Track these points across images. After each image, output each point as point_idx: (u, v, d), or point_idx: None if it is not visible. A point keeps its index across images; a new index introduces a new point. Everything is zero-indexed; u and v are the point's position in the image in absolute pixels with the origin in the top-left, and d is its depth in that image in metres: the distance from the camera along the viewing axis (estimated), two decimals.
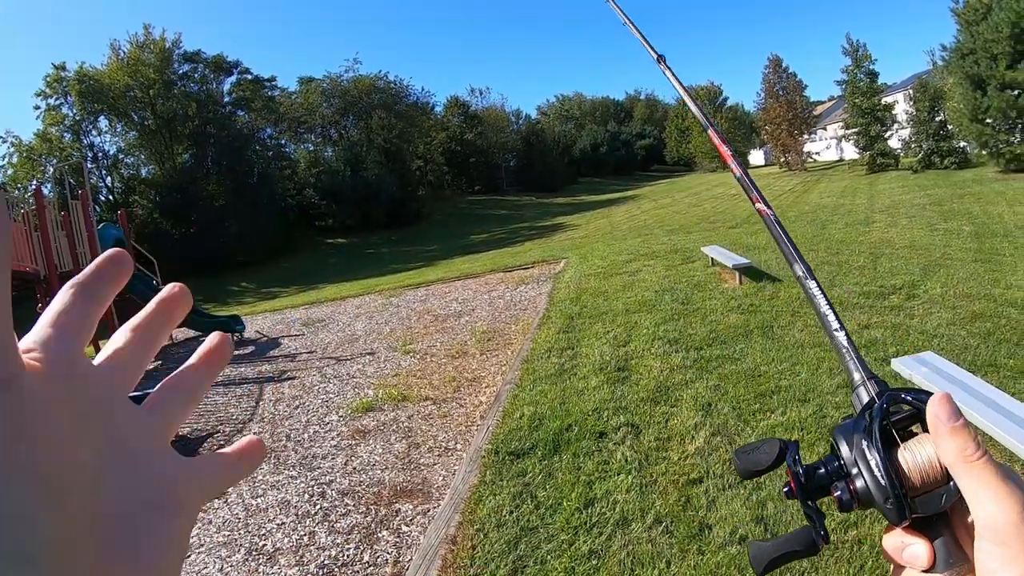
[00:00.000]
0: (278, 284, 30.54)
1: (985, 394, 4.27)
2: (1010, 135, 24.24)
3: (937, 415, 0.50)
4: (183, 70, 44.30)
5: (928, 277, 9.26)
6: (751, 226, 18.47)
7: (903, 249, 11.62)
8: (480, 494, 4.55)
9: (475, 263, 20.77)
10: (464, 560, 3.85)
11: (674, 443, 4.94)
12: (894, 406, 0.56)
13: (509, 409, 6.04)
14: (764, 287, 9.32)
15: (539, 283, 12.76)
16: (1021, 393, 5.05)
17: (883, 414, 0.55)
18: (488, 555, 3.87)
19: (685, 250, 13.47)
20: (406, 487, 5.15)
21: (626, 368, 6.74)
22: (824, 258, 11.13)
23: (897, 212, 17.61)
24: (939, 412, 0.50)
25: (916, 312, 7.70)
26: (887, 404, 0.56)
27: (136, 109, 41.73)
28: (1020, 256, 10.21)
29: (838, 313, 0.69)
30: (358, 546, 4.39)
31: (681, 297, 9.35)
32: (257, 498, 5.32)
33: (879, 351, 6.42)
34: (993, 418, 3.94)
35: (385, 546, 4.36)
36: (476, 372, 7.92)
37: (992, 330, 6.79)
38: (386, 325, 11.38)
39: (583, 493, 4.35)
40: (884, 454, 0.52)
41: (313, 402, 7.70)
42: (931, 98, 31.25)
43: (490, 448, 5.23)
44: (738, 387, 5.86)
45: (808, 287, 0.73)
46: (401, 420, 6.64)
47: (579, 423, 5.49)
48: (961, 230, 13.21)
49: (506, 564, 3.75)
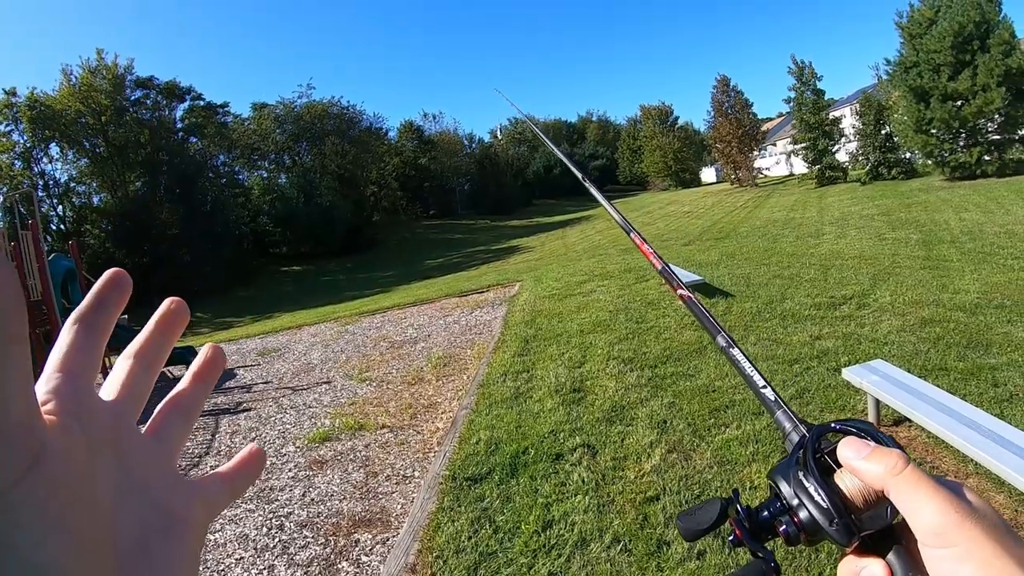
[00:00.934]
0: (233, 313, 30.17)
1: (935, 398, 4.36)
2: (954, 144, 24.92)
3: (848, 457, 0.52)
4: (135, 96, 43.69)
5: (878, 286, 9.44)
6: (703, 243, 18.72)
7: (853, 260, 11.84)
8: (438, 521, 4.52)
9: (431, 288, 20.71)
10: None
11: (630, 462, 4.96)
12: (825, 438, 0.57)
13: (466, 434, 6.03)
14: (717, 303, 9.44)
15: (494, 307, 12.77)
16: (971, 395, 5.18)
17: (815, 445, 0.56)
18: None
19: (639, 269, 13.57)
20: (365, 516, 5.10)
21: (581, 389, 6.76)
22: (776, 272, 11.30)
23: (846, 224, 17.95)
24: (848, 453, 0.52)
25: (866, 321, 7.85)
26: (818, 436, 0.57)
27: (88, 136, 41.02)
28: (967, 262, 10.45)
29: (762, 372, 0.71)
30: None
31: (635, 316, 9.42)
32: (215, 533, 5.23)
33: (831, 361, 6.53)
34: (944, 421, 4.01)
35: None
36: (432, 398, 7.88)
37: (941, 335, 6.95)
38: (342, 353, 11.28)
39: (541, 516, 4.35)
40: (822, 480, 0.54)
41: (270, 433, 7.60)
42: (876, 111, 32.03)
43: (447, 474, 5.21)
44: (692, 403, 5.91)
45: (732, 355, 0.75)
46: (358, 449, 6.58)
47: (535, 446, 5.49)
48: (909, 239, 13.50)
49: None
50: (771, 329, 7.91)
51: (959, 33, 23.40)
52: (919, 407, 4.27)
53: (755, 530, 0.57)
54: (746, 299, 9.50)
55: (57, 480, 0.29)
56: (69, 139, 40.71)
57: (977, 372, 5.81)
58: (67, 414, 0.33)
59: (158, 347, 0.43)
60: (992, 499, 3.87)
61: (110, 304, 0.39)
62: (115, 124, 40.76)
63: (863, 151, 33.11)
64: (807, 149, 36.83)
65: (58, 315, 10.41)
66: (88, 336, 0.37)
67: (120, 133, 40.96)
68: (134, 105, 43.22)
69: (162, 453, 0.40)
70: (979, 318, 7.38)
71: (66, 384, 0.34)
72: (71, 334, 0.37)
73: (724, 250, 15.26)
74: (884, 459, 0.50)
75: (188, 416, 0.44)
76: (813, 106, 35.96)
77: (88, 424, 0.34)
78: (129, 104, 42.54)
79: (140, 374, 0.41)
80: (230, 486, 0.44)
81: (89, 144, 41.43)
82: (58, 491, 0.29)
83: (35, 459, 0.29)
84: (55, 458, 0.30)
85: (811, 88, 36.15)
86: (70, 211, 42.14)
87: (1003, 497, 3.88)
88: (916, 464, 0.50)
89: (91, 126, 40.43)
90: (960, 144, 24.90)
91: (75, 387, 0.35)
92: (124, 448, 0.36)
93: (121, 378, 0.40)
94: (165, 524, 0.36)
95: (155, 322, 0.44)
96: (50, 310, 10.33)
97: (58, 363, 0.36)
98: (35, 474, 0.28)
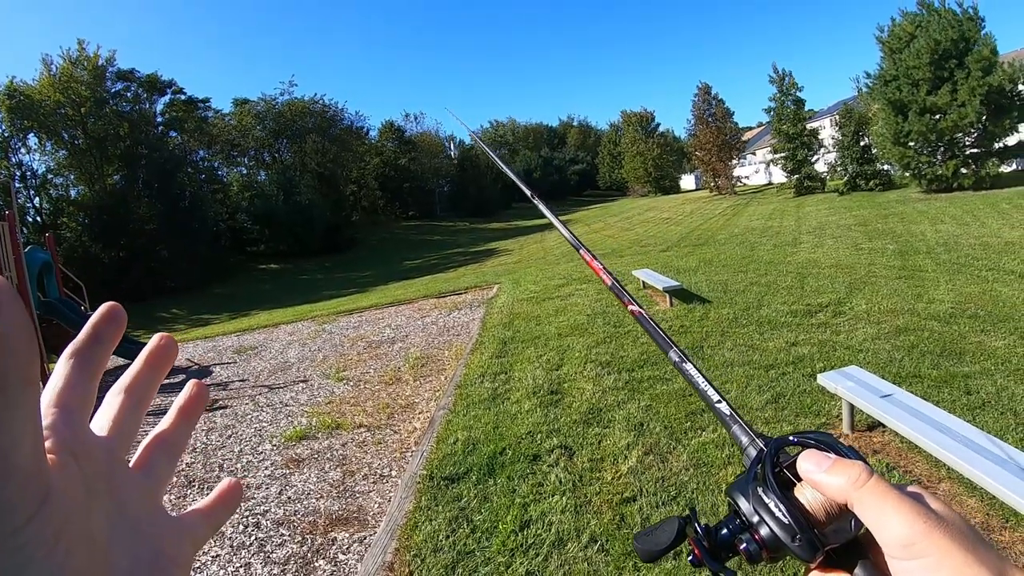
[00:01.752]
0: (210, 310, 29.93)
1: (908, 404, 4.41)
2: (931, 157, 25.19)
3: (808, 470, 0.52)
4: (116, 88, 43.19)
5: (853, 295, 9.55)
6: (681, 249, 18.83)
7: (829, 268, 11.96)
8: (416, 520, 4.53)
9: (409, 289, 20.69)
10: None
11: (607, 463, 5.00)
12: (784, 451, 0.57)
13: (443, 434, 6.03)
14: (694, 308, 9.51)
15: (472, 308, 12.79)
16: (944, 402, 5.26)
17: (774, 460, 0.56)
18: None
19: (617, 273, 13.64)
20: (342, 515, 5.10)
21: (559, 391, 6.80)
22: (753, 279, 11.40)
23: (824, 233, 18.13)
24: (808, 466, 0.52)
25: (842, 328, 7.94)
26: (776, 450, 0.57)
27: (67, 127, 40.44)
28: (942, 272, 10.58)
29: (716, 387, 0.71)
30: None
31: (613, 320, 9.47)
32: None
33: (806, 367, 6.60)
34: (917, 426, 4.06)
35: (322, 575, 4.32)
36: (410, 398, 7.88)
37: (915, 343, 7.03)
38: (319, 352, 11.25)
39: (518, 515, 4.37)
40: (782, 495, 0.53)
41: (246, 431, 7.56)
42: (856, 123, 32.37)
43: (425, 474, 5.22)
44: (669, 407, 5.96)
45: (685, 369, 0.74)
46: (335, 448, 6.57)
47: (513, 447, 5.51)
48: (885, 248, 13.65)
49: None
50: (748, 335, 7.98)
51: (935, 51, 23.66)
52: (892, 412, 4.33)
53: (715, 549, 0.56)
54: (723, 305, 9.58)
55: (62, 519, 0.31)
56: (48, 130, 40.15)
57: (950, 380, 5.89)
58: (65, 451, 0.34)
59: (148, 382, 0.44)
60: (964, 503, 3.94)
61: (106, 339, 0.40)
62: (95, 116, 40.29)
63: (841, 162, 33.43)
64: (786, 159, 37.15)
65: (34, 308, 10.29)
66: (83, 371, 0.38)
67: (99, 125, 40.50)
68: (114, 97, 42.67)
69: (150, 490, 0.41)
70: (953, 327, 7.48)
71: (63, 420, 0.35)
72: (67, 368, 0.38)
73: (702, 256, 15.38)
74: (847, 471, 0.50)
75: (173, 453, 0.45)
76: (793, 116, 36.27)
77: (84, 461, 0.35)
78: (109, 96, 42.01)
79: (131, 410, 0.42)
80: (211, 520, 0.45)
81: (68, 135, 40.89)
82: (64, 530, 0.31)
83: (44, 499, 0.30)
84: (59, 497, 0.31)
85: (791, 98, 36.44)
86: (47, 203, 41.54)
87: (975, 501, 3.95)
88: (880, 475, 0.49)
89: (70, 117, 39.89)
90: (938, 157, 25.16)
91: (71, 423, 0.36)
92: (116, 485, 0.37)
93: (112, 414, 0.41)
94: (155, 561, 0.37)
95: (144, 357, 0.44)
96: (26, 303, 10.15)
97: (54, 398, 0.37)
98: (43, 514, 0.30)
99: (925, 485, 4.14)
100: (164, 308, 32.46)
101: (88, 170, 40.86)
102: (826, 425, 5.19)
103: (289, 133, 54.75)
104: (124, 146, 41.20)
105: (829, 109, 51.28)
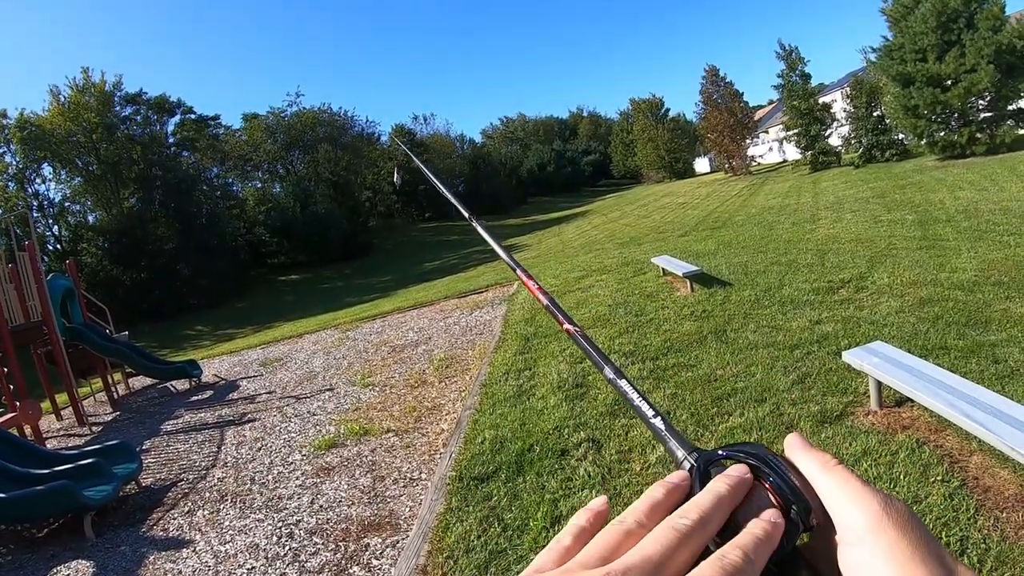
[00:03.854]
0: (233, 325, 30.21)
1: (936, 377, 4.35)
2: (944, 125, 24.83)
3: (793, 443, 0.53)
4: (126, 112, 43.75)
5: (875, 268, 9.43)
6: (700, 233, 18.73)
7: (849, 243, 11.83)
8: (447, 521, 4.54)
9: (429, 291, 20.77)
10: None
11: (635, 455, 4.98)
12: (719, 465, 0.55)
13: (470, 434, 6.05)
14: (716, 292, 9.44)
15: (493, 306, 12.80)
16: (972, 373, 5.17)
17: (702, 475, 0.54)
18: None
19: (636, 262, 13.59)
20: (374, 521, 5.12)
21: (584, 384, 6.78)
22: (773, 259, 11.30)
23: (842, 208, 17.92)
24: (794, 440, 0.54)
25: (865, 303, 7.84)
26: (705, 465, 0.55)
27: (80, 155, 41.12)
28: (963, 240, 10.41)
29: (651, 402, 0.69)
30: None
31: (635, 309, 9.44)
32: (225, 544, 5.26)
33: (831, 345, 6.53)
34: (946, 400, 4.00)
35: None
36: (436, 400, 7.91)
37: (940, 314, 6.92)
38: (344, 359, 11.31)
39: (549, 512, 4.37)
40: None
41: (275, 443, 7.62)
42: (867, 94, 31.95)
43: (454, 475, 5.23)
44: (695, 393, 5.93)
45: (620, 386, 0.72)
46: (364, 454, 6.61)
47: (540, 443, 5.51)
48: (905, 220, 13.47)
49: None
50: (771, 316, 7.92)
51: (942, 12, 23.31)
52: (920, 387, 4.27)
53: None
54: (744, 287, 9.51)
55: None
56: (61, 158, 40.82)
57: (977, 349, 5.80)
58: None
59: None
60: (996, 475, 3.88)
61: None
62: (106, 141, 40.82)
63: (856, 134, 33.04)
64: (799, 135, 36.76)
65: (59, 334, 10.41)
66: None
67: (112, 150, 41.00)
68: (124, 121, 43.32)
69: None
70: (977, 296, 7.37)
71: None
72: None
73: (721, 239, 15.27)
74: (822, 454, 0.51)
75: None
76: (802, 91, 35.92)
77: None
78: (119, 120, 42.58)
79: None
80: None
81: (82, 162, 41.52)
82: None
83: None
84: None
85: (799, 73, 36.09)
86: (66, 230, 42.20)
87: (1007, 472, 3.89)
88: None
89: (82, 144, 40.48)
90: (952, 125, 24.78)
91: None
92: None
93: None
94: None
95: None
96: (51, 330, 10.33)
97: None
98: None
99: (955, 459, 4.10)
100: (188, 326, 32.79)
101: (104, 195, 41.41)
102: (854, 403, 5.13)
103: (301, 144, 55.15)
104: (138, 169, 41.71)
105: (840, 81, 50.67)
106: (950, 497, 3.68)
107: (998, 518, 3.46)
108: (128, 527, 6.15)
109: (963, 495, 3.69)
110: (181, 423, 9.55)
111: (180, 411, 10.25)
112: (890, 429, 4.58)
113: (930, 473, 3.95)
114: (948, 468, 3.98)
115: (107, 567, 5.38)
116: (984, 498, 3.66)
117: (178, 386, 12.28)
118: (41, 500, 6.00)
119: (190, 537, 5.58)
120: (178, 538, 5.62)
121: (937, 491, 3.75)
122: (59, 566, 5.60)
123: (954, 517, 3.51)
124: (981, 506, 3.58)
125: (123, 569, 5.27)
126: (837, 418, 4.90)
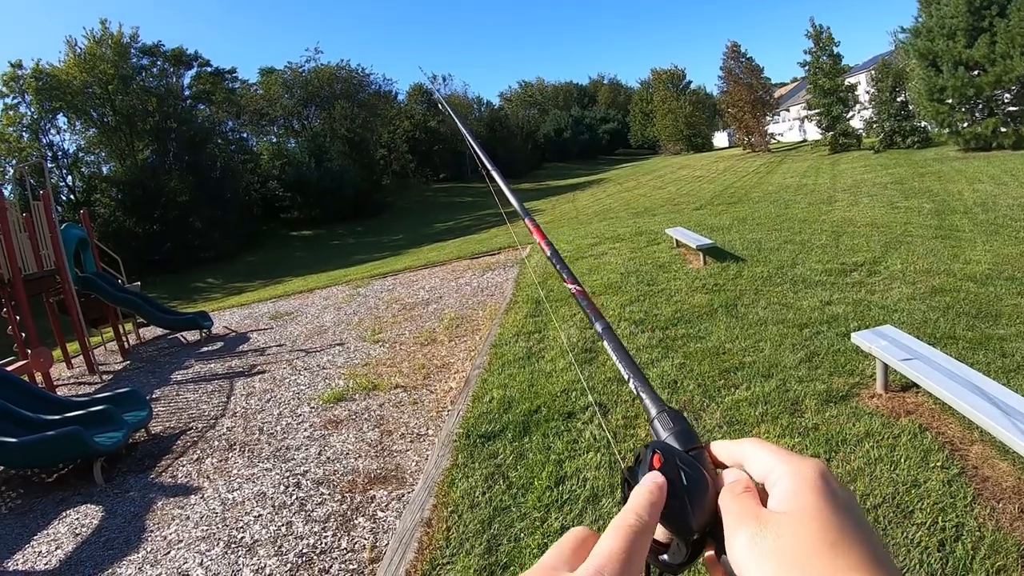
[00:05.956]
0: (244, 279, 30.34)
1: (943, 365, 4.37)
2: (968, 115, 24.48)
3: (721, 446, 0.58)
4: (142, 64, 43.55)
5: (889, 254, 9.40)
6: (715, 207, 18.66)
7: (864, 227, 11.77)
8: (453, 477, 4.61)
9: (442, 251, 20.79)
10: (439, 542, 3.91)
11: (641, 420, 5.02)
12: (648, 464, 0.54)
13: (479, 393, 6.10)
14: (728, 267, 9.44)
15: (505, 269, 12.84)
16: (979, 364, 5.17)
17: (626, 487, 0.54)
18: (463, 536, 3.93)
19: (650, 232, 13.57)
20: (380, 474, 5.20)
21: (593, 349, 6.81)
22: (787, 237, 11.27)
23: (859, 191, 17.79)
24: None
25: (877, 288, 7.83)
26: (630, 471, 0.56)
27: (95, 106, 41.02)
28: (979, 232, 10.35)
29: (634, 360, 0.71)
30: (335, 533, 4.44)
31: (646, 279, 9.44)
32: (233, 492, 5.34)
33: (840, 326, 6.54)
34: (952, 388, 4.02)
35: (362, 532, 4.42)
36: (445, 359, 7.97)
37: (951, 304, 6.91)
38: (354, 315, 11.38)
39: (553, 472, 4.42)
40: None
41: (284, 395, 7.71)
42: (893, 78, 31.52)
43: (461, 432, 5.29)
44: (703, 364, 5.96)
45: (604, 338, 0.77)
46: (372, 408, 6.68)
47: (548, 404, 5.56)
48: (922, 208, 13.38)
49: (480, 543, 3.82)
50: (782, 294, 7.92)
51: None
52: (927, 373, 4.29)
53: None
54: (757, 263, 9.50)
55: None
56: (76, 109, 40.74)
57: (985, 342, 5.80)
58: None
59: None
60: (996, 467, 3.90)
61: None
62: (122, 93, 40.68)
63: (878, 119, 32.64)
64: (821, 115, 36.39)
65: (71, 283, 10.49)
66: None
67: (127, 102, 40.90)
68: (140, 73, 43.08)
69: None
70: (989, 289, 7.34)
71: None
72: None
73: (736, 215, 15.21)
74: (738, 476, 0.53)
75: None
76: (829, 71, 35.47)
77: None
78: (135, 72, 42.39)
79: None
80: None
81: (97, 114, 41.47)
82: None
83: None
84: None
85: (828, 53, 35.62)
86: (80, 181, 42.28)
87: (1007, 464, 3.91)
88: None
89: (98, 96, 40.39)
90: (976, 115, 24.43)
91: None
92: None
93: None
94: None
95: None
96: (64, 279, 10.40)
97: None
98: None
99: (956, 447, 4.14)
100: (199, 278, 32.94)
101: (119, 146, 41.38)
102: (859, 384, 5.15)
103: (318, 100, 54.86)
104: (153, 121, 41.57)
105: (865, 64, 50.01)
106: (949, 484, 3.71)
107: (994, 508, 3.50)
108: (137, 473, 6.25)
109: (962, 482, 3.72)
110: (191, 373, 9.64)
111: (190, 361, 10.35)
112: (894, 413, 4.60)
113: (931, 459, 3.98)
114: (949, 455, 4.01)
115: (116, 512, 5.48)
116: (982, 487, 3.69)
117: (188, 337, 12.37)
118: (51, 445, 6.08)
119: (198, 484, 5.68)
120: (186, 485, 5.72)
121: (936, 476, 3.79)
122: (68, 510, 5.71)
123: (951, 503, 3.54)
124: (979, 495, 3.62)
125: (131, 514, 5.37)
126: (842, 398, 4.92)
